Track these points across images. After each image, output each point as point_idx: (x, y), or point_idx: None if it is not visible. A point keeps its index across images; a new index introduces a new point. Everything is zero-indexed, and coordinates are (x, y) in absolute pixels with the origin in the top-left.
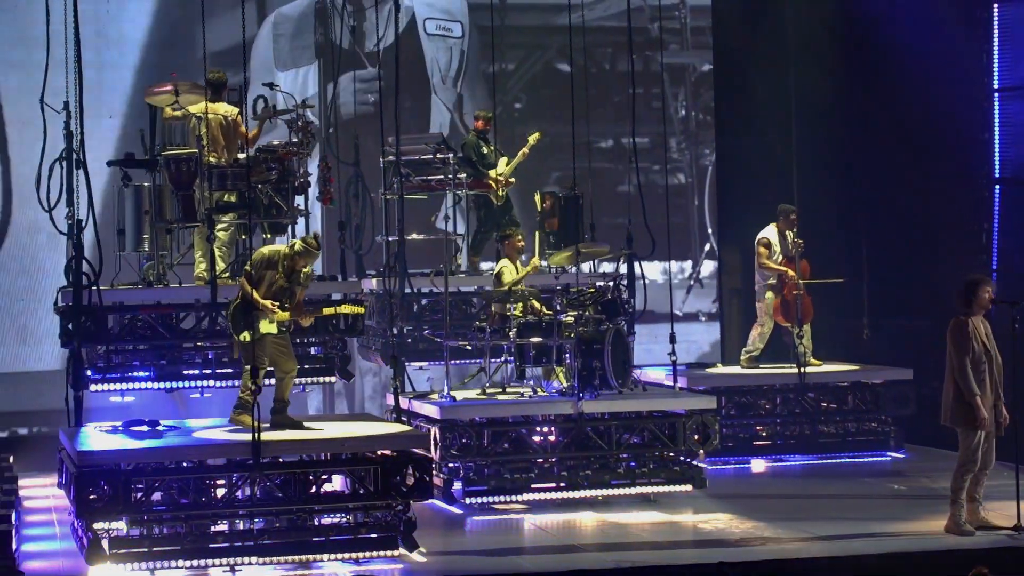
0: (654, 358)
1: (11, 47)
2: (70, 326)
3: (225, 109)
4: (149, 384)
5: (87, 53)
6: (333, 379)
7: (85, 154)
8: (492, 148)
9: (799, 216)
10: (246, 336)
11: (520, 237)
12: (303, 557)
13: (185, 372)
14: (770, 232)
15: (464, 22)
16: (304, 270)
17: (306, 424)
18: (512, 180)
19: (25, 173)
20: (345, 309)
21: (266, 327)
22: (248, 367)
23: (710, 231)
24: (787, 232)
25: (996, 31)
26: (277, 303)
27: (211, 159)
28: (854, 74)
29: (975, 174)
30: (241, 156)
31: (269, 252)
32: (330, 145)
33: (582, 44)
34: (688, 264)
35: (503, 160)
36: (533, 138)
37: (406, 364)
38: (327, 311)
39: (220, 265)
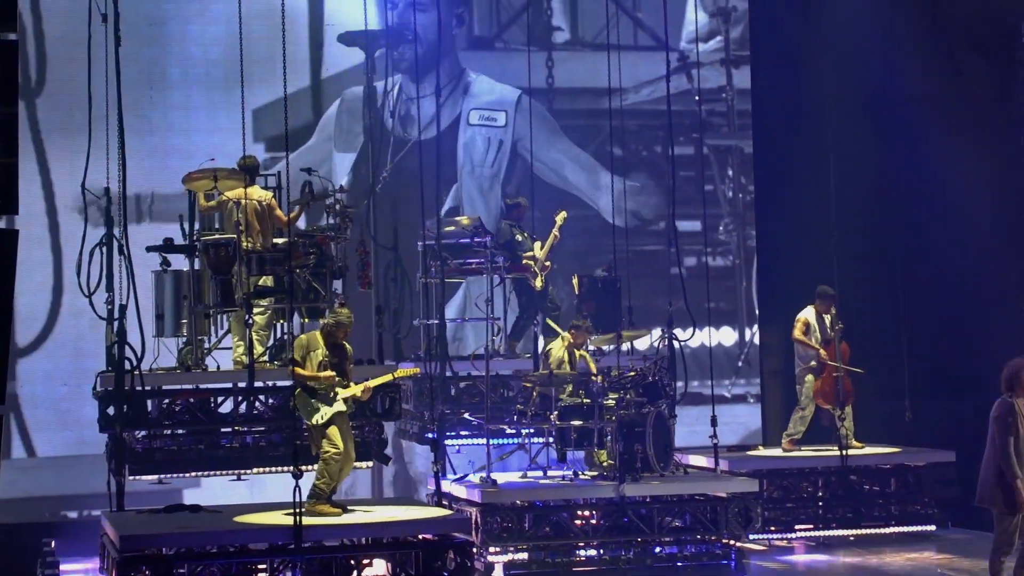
0: (700, 440)
1: (59, 133)
2: (109, 411)
3: (259, 194)
4: (188, 473)
5: (131, 139)
6: (370, 464)
7: (128, 242)
8: (525, 235)
9: (839, 298)
10: (318, 419)
11: (586, 332)
12: None
13: (223, 456)
14: (808, 313)
15: (510, 111)
16: (345, 341)
17: (348, 507)
18: (548, 263)
19: (72, 258)
20: (400, 373)
21: (337, 407)
22: (322, 452)
23: (757, 313)
24: (825, 316)
25: None
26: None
27: (247, 244)
28: (894, 159)
29: (1017, 253)
30: (279, 240)
31: (307, 337)
32: (368, 230)
33: (621, 125)
34: (735, 346)
35: (537, 244)
36: (560, 218)
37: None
38: (383, 379)
39: (258, 349)
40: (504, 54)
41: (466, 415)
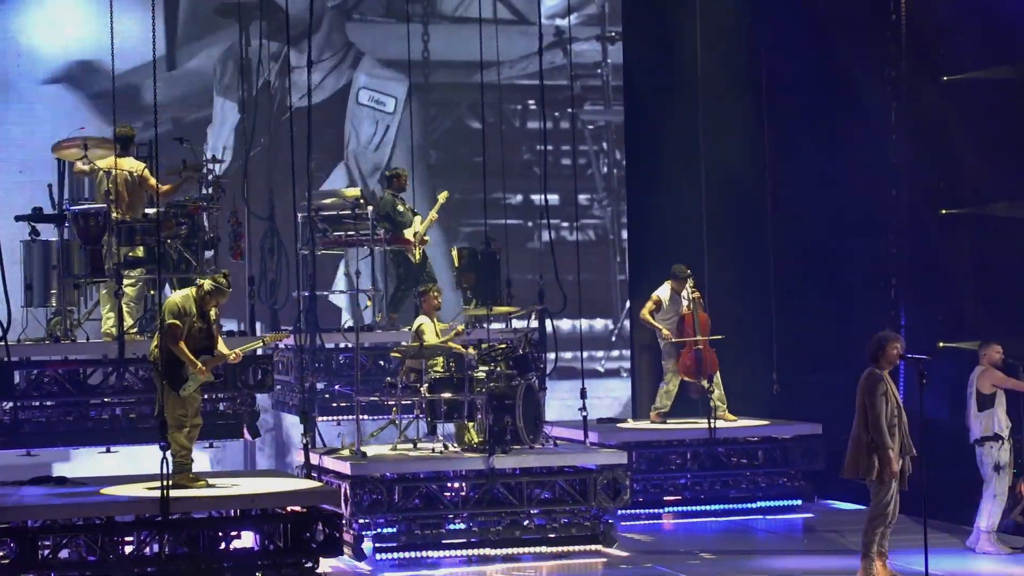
0: (572, 413)
1: None
2: None
3: (131, 165)
4: (57, 446)
5: None
6: (241, 437)
7: None
8: (408, 207)
9: (708, 271)
10: (188, 388)
11: (436, 294)
12: None
13: (92, 428)
14: (663, 291)
15: (399, 97)
16: (215, 309)
17: (215, 480)
18: (427, 239)
19: None
20: (269, 338)
21: (205, 377)
22: (172, 427)
23: (629, 287)
24: (681, 293)
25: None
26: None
27: (117, 215)
28: (765, 134)
29: (883, 230)
30: (150, 211)
31: (181, 300)
32: (244, 198)
33: (498, 101)
34: (609, 320)
35: (417, 219)
36: (442, 196)
37: (319, 420)
38: (253, 345)
39: (128, 321)
40: (361, 25)
41: (337, 387)
